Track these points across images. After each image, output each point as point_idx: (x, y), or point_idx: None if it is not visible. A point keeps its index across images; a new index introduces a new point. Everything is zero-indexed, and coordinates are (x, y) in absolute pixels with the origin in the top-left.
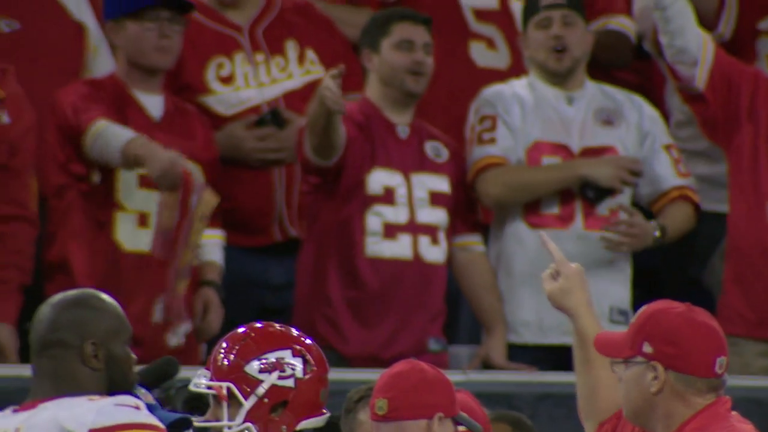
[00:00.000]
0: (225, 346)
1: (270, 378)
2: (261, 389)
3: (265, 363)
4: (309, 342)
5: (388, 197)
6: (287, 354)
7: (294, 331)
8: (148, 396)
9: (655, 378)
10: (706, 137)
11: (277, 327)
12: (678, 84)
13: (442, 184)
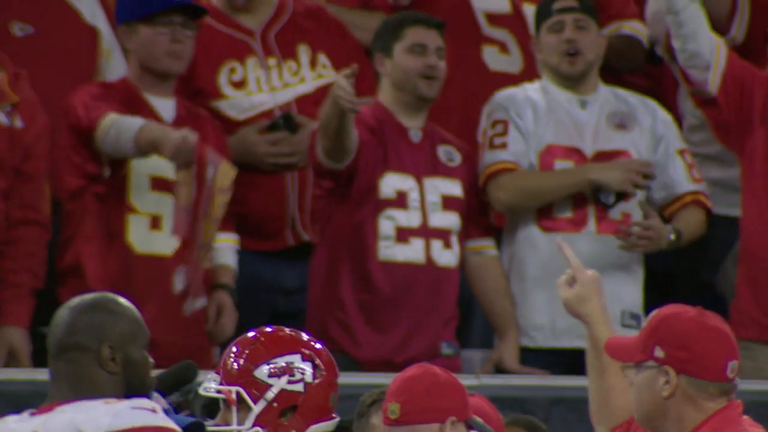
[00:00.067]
0: (235, 350)
1: (279, 382)
2: (270, 393)
3: (275, 367)
4: (319, 346)
5: (400, 201)
6: (296, 358)
7: (304, 336)
8: (160, 400)
9: (667, 382)
10: (718, 141)
11: (287, 331)
12: (691, 88)
13: (454, 188)
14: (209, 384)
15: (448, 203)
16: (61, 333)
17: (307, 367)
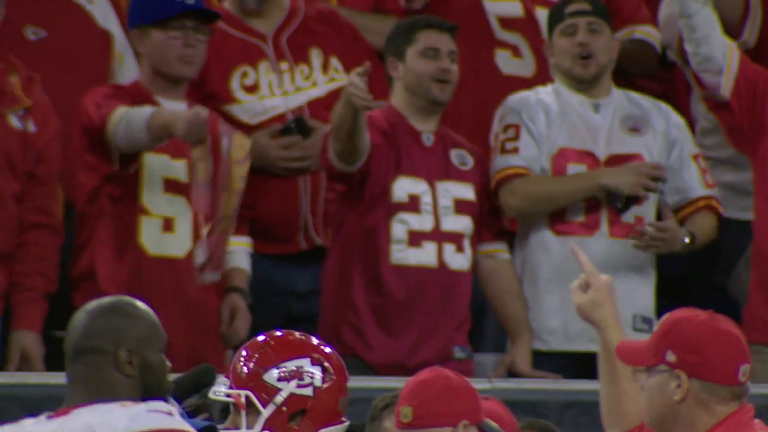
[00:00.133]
0: (244, 354)
1: (288, 386)
2: (279, 397)
3: (284, 371)
4: (328, 350)
5: (413, 205)
6: (306, 362)
7: (314, 340)
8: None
9: (679, 386)
10: (731, 145)
11: (297, 335)
12: (703, 92)
13: (467, 191)
14: (219, 388)
15: (460, 207)
16: (79, 336)
17: (317, 371)
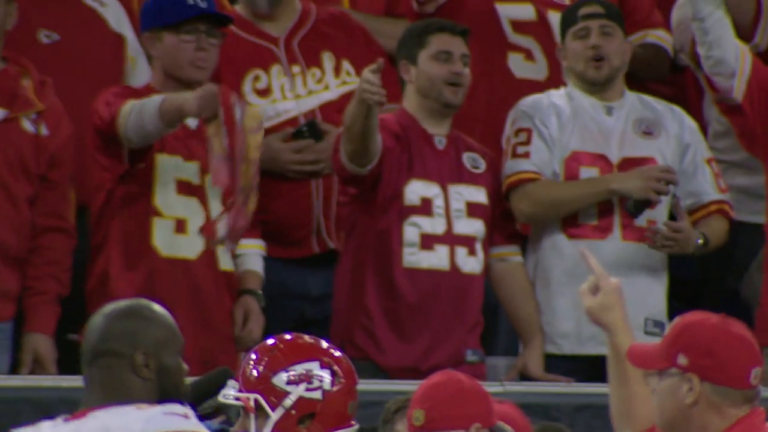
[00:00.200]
0: (254, 357)
1: (297, 390)
2: (288, 401)
3: (293, 375)
4: (338, 354)
5: (425, 208)
6: (315, 366)
7: (323, 343)
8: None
9: (690, 389)
10: (743, 148)
11: (306, 339)
12: (716, 95)
13: (479, 195)
14: (228, 391)
15: (472, 210)
16: (95, 339)
17: (326, 375)
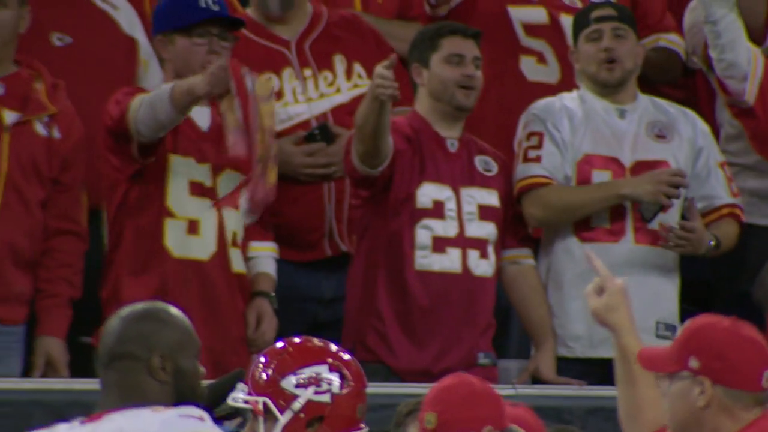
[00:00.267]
0: (263, 360)
1: (306, 393)
2: (297, 404)
3: (302, 378)
4: (347, 357)
5: (437, 211)
6: (324, 369)
7: (332, 347)
8: None
9: (702, 392)
10: (755, 151)
11: (316, 342)
12: (728, 98)
13: (491, 198)
14: (238, 394)
15: (484, 213)
16: (112, 342)
17: (335, 378)
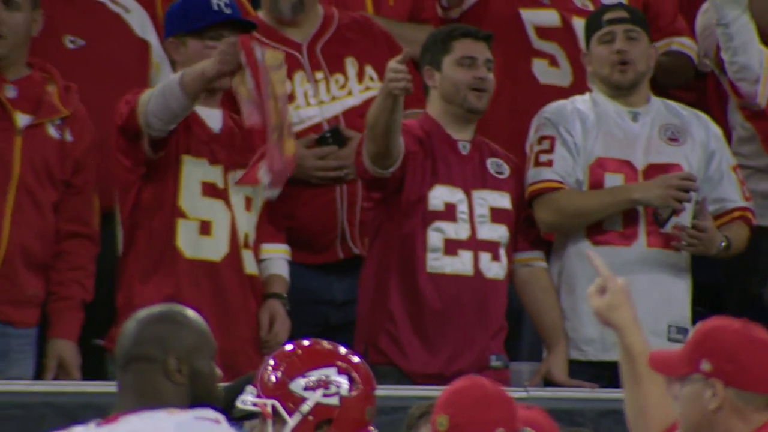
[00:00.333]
0: (272, 363)
1: (314, 395)
2: (305, 407)
3: (310, 380)
4: (356, 360)
5: (449, 213)
6: (332, 372)
7: (341, 349)
8: None
9: (714, 395)
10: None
11: (325, 344)
12: (740, 101)
13: (503, 200)
14: (246, 397)
15: (496, 215)
16: (129, 344)
17: (343, 381)
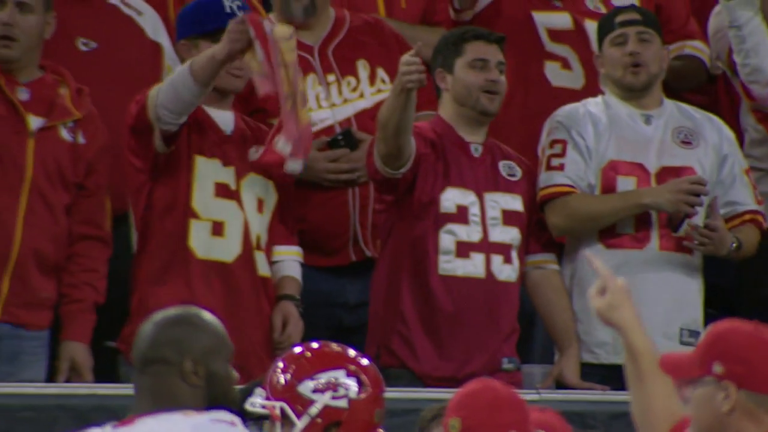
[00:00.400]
0: (281, 365)
1: (323, 398)
2: (314, 409)
3: (319, 383)
4: (365, 362)
5: (461, 216)
6: (341, 374)
7: (351, 352)
8: None
9: (726, 397)
10: None
11: (334, 347)
12: (752, 103)
13: (515, 203)
14: (255, 399)
15: (508, 218)
16: (145, 347)
17: (352, 383)
